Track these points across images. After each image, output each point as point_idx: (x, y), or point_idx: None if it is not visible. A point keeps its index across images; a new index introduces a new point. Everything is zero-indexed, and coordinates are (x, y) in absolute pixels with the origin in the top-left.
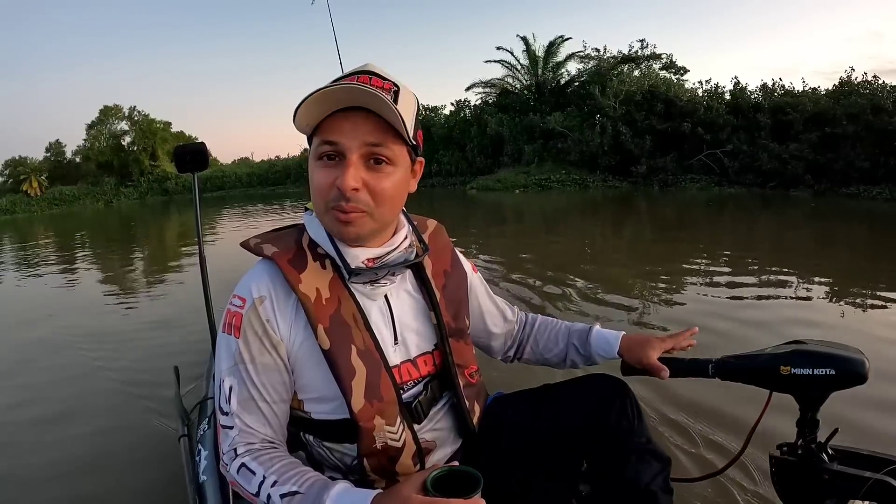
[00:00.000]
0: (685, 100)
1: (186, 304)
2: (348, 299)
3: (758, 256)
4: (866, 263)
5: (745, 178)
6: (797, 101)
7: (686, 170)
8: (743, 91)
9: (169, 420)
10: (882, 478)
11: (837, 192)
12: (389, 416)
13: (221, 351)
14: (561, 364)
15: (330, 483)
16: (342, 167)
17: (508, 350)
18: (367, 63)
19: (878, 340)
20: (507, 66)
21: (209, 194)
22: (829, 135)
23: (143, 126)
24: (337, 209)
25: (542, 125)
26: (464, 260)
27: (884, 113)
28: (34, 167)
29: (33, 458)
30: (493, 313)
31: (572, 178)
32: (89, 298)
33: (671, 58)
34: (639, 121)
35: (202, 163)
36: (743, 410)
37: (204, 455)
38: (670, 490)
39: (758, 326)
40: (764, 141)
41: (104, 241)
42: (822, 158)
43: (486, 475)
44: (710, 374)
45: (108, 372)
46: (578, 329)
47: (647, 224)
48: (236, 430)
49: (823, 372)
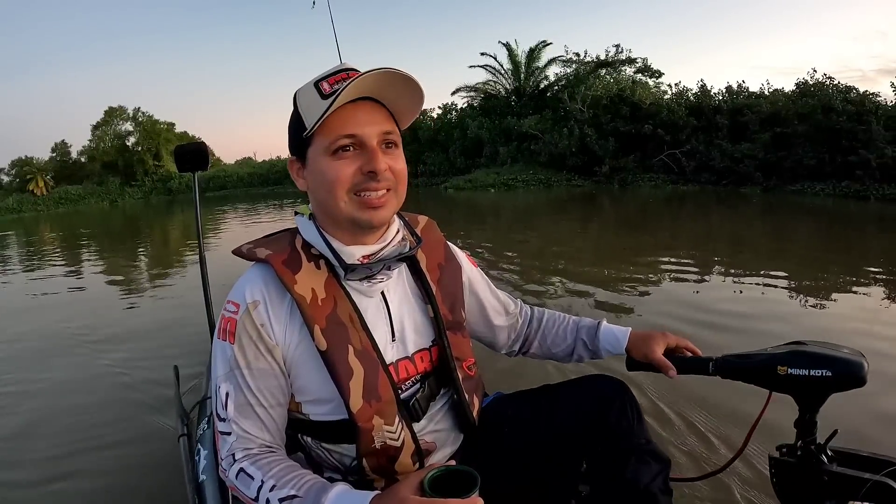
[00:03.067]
0: (649, 103)
1: (187, 302)
2: (344, 299)
3: (696, 246)
4: (798, 251)
5: (701, 177)
6: (754, 103)
7: (647, 169)
8: (707, 94)
9: (168, 419)
10: (882, 479)
11: (784, 189)
12: (388, 415)
13: (217, 357)
14: (567, 359)
15: (328, 485)
16: (365, 155)
17: (513, 344)
18: (343, 62)
19: (827, 316)
20: (490, 70)
21: (212, 193)
22: (781, 134)
23: (147, 127)
24: (366, 191)
25: (517, 128)
26: (462, 255)
27: (833, 113)
28: (40, 167)
29: (31, 454)
30: (496, 307)
31: (537, 178)
32: (91, 296)
33: (646, 61)
34: (605, 123)
35: (202, 162)
36: (743, 410)
37: (203, 454)
38: (669, 491)
39: (707, 311)
40: (720, 141)
41: (109, 239)
42: (774, 157)
43: (486, 475)
44: (710, 372)
45: (108, 370)
46: (587, 324)
47: (602, 216)
48: (234, 435)
49: (820, 373)
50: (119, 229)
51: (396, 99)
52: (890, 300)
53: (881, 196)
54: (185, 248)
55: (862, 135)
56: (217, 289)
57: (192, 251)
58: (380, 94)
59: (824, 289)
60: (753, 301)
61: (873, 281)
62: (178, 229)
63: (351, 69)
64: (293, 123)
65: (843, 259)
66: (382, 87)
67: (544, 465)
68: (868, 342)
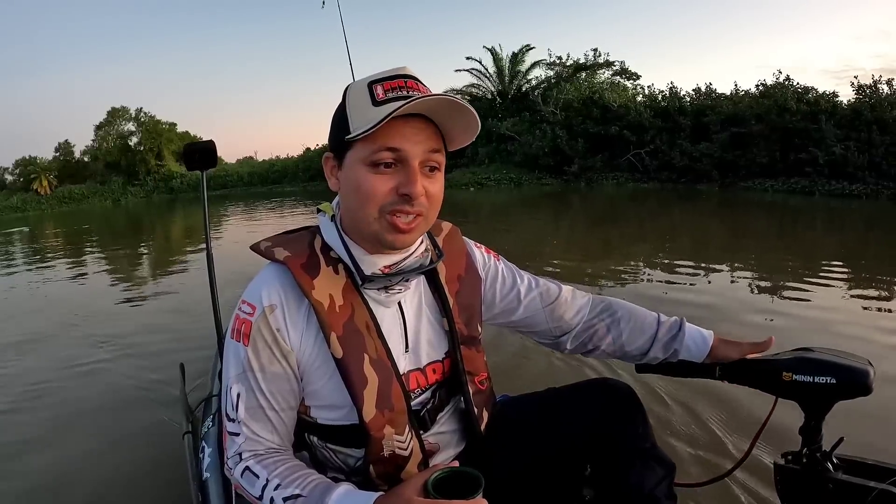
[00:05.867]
0: (617, 105)
1: (193, 300)
2: (361, 306)
3: (641, 239)
4: (721, 242)
5: (662, 175)
6: (717, 104)
7: (614, 168)
8: (675, 96)
9: (173, 416)
10: (887, 488)
11: (737, 186)
12: (399, 424)
13: (230, 357)
14: (639, 358)
15: (332, 485)
16: (403, 173)
17: (576, 339)
18: (403, 66)
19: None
20: (476, 74)
21: (212, 192)
22: (738, 134)
23: (150, 127)
24: (397, 213)
25: (495, 129)
26: (482, 253)
27: (787, 113)
28: (44, 166)
29: (35, 451)
30: (530, 293)
31: (509, 177)
32: (97, 293)
33: (623, 64)
34: (576, 125)
35: (211, 161)
36: (750, 415)
37: (208, 452)
38: (674, 496)
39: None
40: (681, 141)
41: (113, 237)
42: (730, 156)
43: (490, 478)
44: (716, 377)
45: (113, 367)
46: (670, 322)
47: (566, 212)
48: (243, 437)
49: (824, 380)
50: (123, 227)
51: (448, 121)
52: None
53: (826, 191)
54: (189, 246)
55: (814, 133)
56: (220, 284)
57: (196, 248)
58: (432, 113)
59: (746, 275)
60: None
61: (806, 269)
62: (181, 227)
63: (409, 77)
64: (337, 120)
65: (754, 245)
66: (438, 107)
67: (548, 469)
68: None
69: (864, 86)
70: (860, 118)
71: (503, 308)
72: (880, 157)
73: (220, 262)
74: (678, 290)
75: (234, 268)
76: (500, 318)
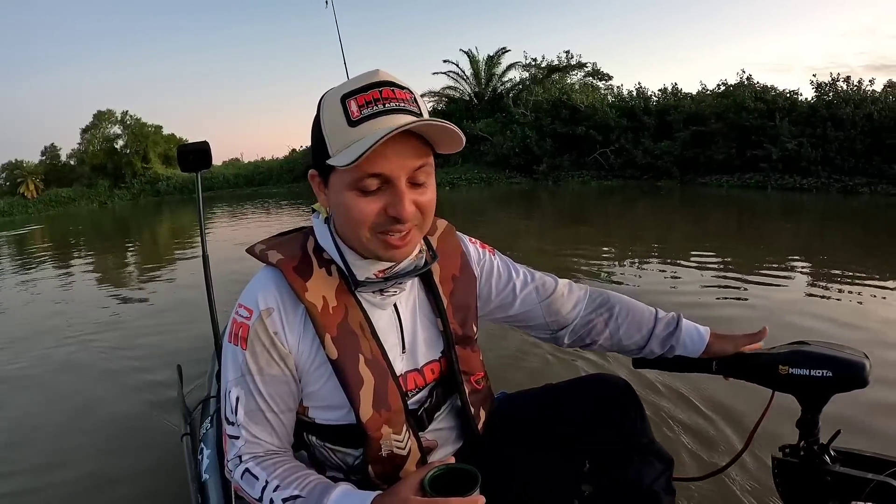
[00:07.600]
0: (584, 106)
1: (189, 302)
2: (355, 307)
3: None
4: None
5: (626, 172)
6: (680, 103)
7: (581, 166)
8: (642, 95)
9: (171, 418)
10: (885, 479)
11: (695, 182)
12: (396, 424)
13: (228, 361)
14: (635, 353)
15: (331, 485)
16: (390, 194)
17: (574, 332)
18: (376, 70)
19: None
20: (453, 77)
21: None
22: (698, 132)
23: (136, 130)
24: (390, 233)
25: (469, 130)
26: (476, 249)
27: (745, 111)
28: (30, 170)
29: (34, 453)
30: (526, 288)
31: (479, 177)
32: (92, 296)
33: (595, 65)
34: (545, 126)
35: (205, 162)
36: (746, 409)
37: (206, 454)
38: (672, 491)
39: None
40: (644, 140)
41: (102, 240)
42: (690, 153)
43: (488, 474)
44: (713, 371)
45: (111, 369)
46: (667, 318)
47: (533, 208)
48: (242, 440)
49: (821, 373)
50: (111, 230)
51: (431, 132)
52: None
53: (778, 186)
54: (182, 248)
55: (770, 130)
56: (218, 287)
57: (190, 250)
58: (415, 127)
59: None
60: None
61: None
62: (170, 229)
63: (383, 84)
64: (316, 139)
65: (693, 231)
66: (419, 127)
67: (547, 465)
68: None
69: (823, 83)
70: (816, 115)
71: (499, 303)
72: (834, 151)
73: (217, 264)
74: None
75: (229, 269)
76: (497, 313)
